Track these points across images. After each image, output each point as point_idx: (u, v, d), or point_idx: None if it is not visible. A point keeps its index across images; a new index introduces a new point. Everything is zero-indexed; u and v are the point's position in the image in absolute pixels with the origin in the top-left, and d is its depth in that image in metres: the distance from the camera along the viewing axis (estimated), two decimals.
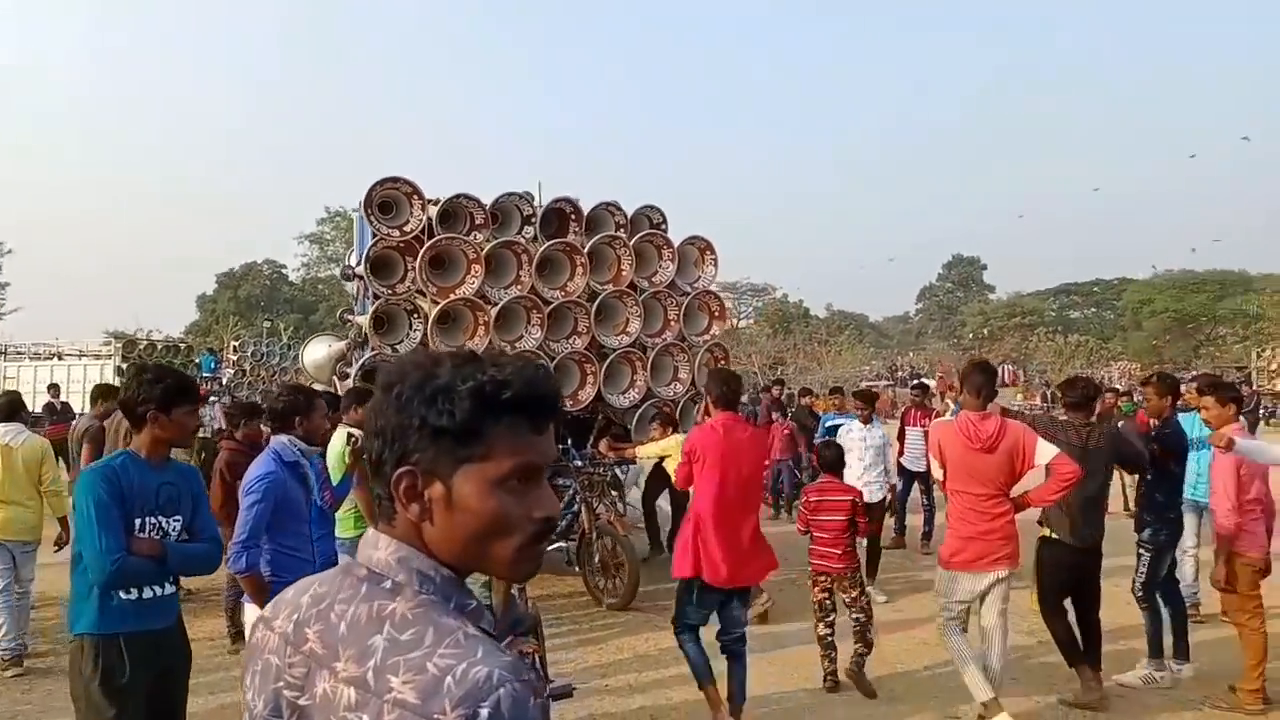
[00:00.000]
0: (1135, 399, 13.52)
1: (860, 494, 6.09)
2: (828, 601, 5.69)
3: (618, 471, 8.56)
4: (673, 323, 8.44)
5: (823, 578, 5.70)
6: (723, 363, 8.76)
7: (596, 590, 7.42)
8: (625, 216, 8.68)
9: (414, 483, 1.11)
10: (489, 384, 1.10)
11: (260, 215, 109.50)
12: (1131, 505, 7.99)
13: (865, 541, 7.40)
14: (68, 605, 3.26)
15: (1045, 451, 4.80)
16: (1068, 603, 5.44)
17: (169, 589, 3.32)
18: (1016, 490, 4.94)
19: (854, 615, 5.65)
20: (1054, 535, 5.37)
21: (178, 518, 3.31)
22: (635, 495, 9.30)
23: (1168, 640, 5.74)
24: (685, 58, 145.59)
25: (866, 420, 8.30)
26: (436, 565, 1.12)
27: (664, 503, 8.80)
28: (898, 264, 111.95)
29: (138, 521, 3.20)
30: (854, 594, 5.69)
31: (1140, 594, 5.66)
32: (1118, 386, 19.83)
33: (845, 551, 5.69)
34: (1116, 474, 7.28)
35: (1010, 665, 5.34)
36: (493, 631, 1.11)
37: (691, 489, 5.03)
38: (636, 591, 7.18)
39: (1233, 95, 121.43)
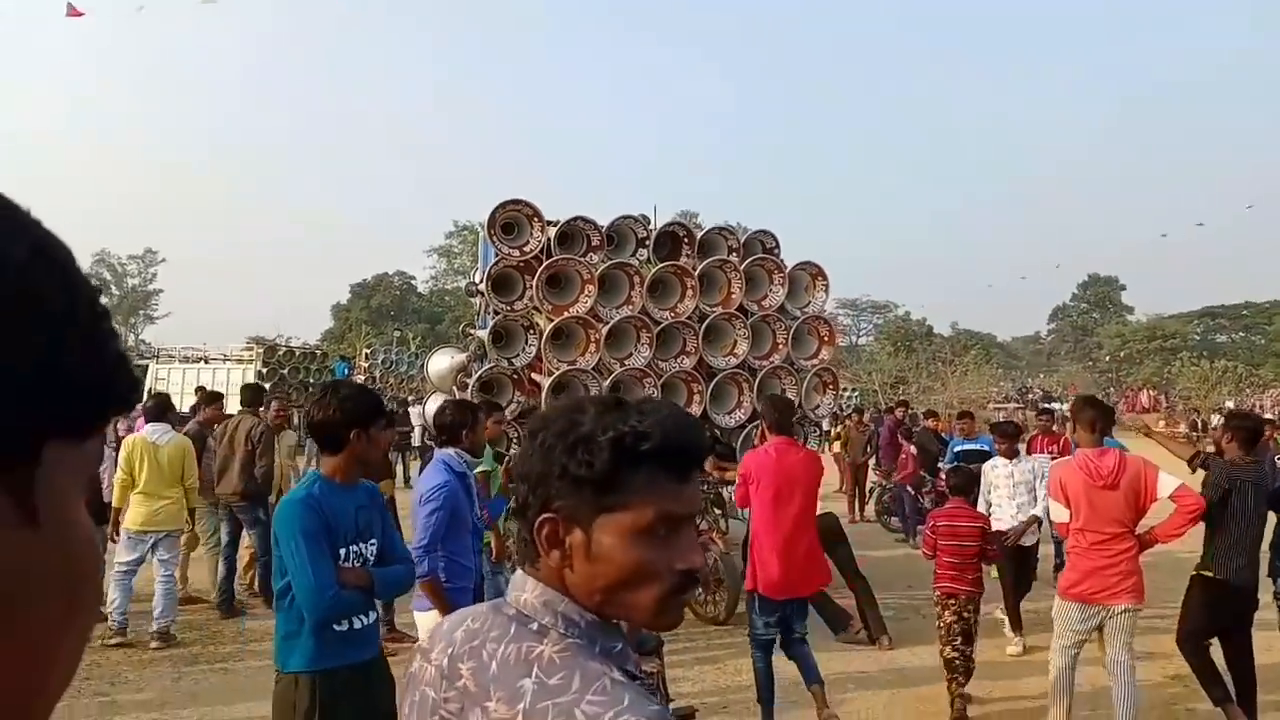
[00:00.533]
0: None
1: (988, 520, 6.09)
2: (956, 625, 5.64)
3: (722, 491, 8.68)
4: (781, 346, 8.53)
5: (952, 601, 5.68)
6: (831, 388, 8.81)
7: (697, 604, 7.59)
8: (738, 240, 8.82)
9: (555, 530, 1.13)
10: (629, 435, 1.11)
11: (393, 227, 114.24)
12: None
13: (1013, 587, 7.25)
14: (275, 641, 3.15)
15: (1167, 484, 4.78)
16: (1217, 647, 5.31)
17: (372, 616, 3.19)
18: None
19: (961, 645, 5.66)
20: (1215, 575, 5.21)
21: (373, 541, 3.17)
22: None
23: None
24: (823, 69, 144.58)
25: (1010, 455, 7.67)
26: (581, 609, 1.13)
27: None
28: (1029, 283, 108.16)
29: (341, 551, 3.05)
30: (973, 619, 5.69)
31: None
32: (1271, 417, 18.74)
33: (976, 577, 5.73)
34: None
35: (1152, 709, 5.25)
36: (638, 674, 1.13)
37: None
38: (735, 607, 7.30)
39: None
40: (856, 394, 38.55)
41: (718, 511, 8.24)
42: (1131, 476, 4.77)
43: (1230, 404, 48.35)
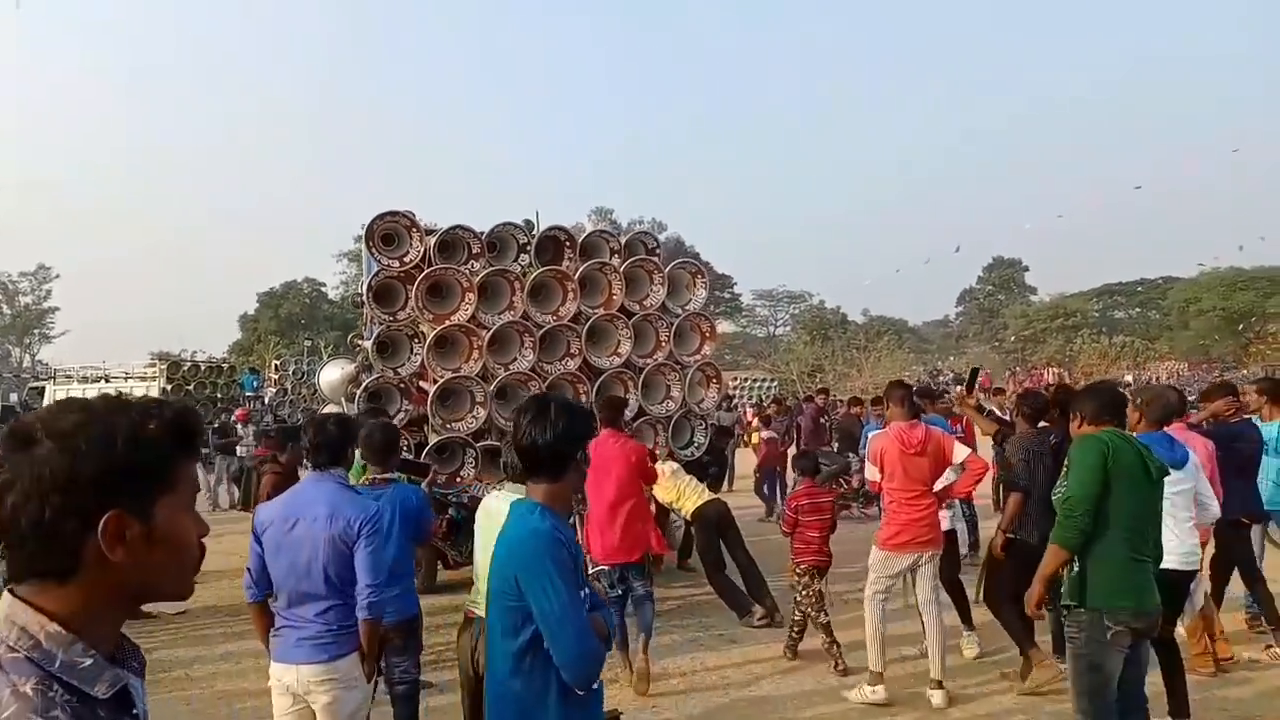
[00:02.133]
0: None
1: (837, 494, 6.64)
2: (821, 589, 6.38)
3: None
4: (664, 344, 8.80)
5: (816, 572, 6.38)
6: (715, 382, 9.10)
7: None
8: (619, 243, 9.07)
9: (120, 524, 1.16)
10: (169, 424, 1.23)
11: (302, 233, 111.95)
12: None
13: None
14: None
15: (960, 452, 5.72)
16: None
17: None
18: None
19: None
20: (1019, 536, 5.79)
21: (587, 587, 2.60)
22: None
23: None
24: (729, 68, 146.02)
25: None
26: (46, 622, 1.13)
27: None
28: (937, 268, 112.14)
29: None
30: (821, 585, 6.39)
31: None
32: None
33: (828, 548, 6.49)
34: None
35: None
36: (92, 692, 1.12)
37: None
38: None
39: (1277, 89, 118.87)
40: (775, 383, 39.24)
41: None
42: (935, 446, 5.67)
43: (1129, 377, 50.70)
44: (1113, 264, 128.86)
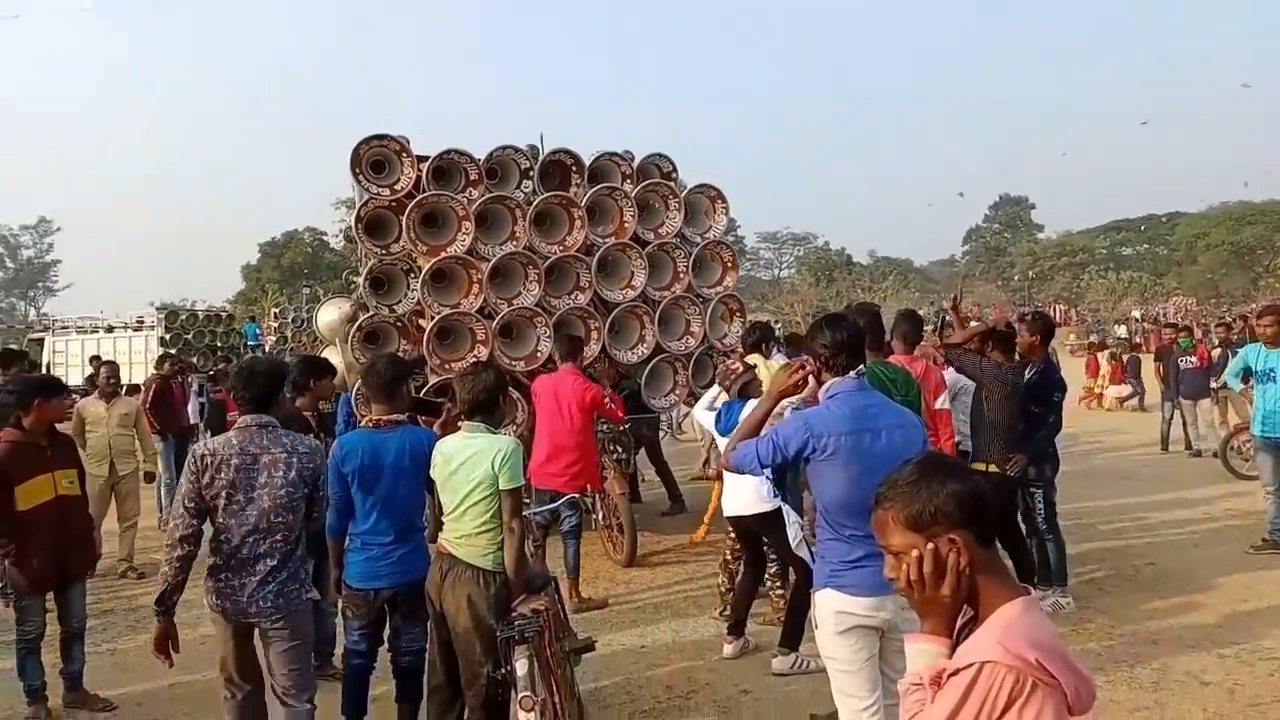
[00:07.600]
0: (1196, 335, 13.18)
1: None
2: None
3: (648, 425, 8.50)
4: (682, 275, 8.10)
5: None
6: (738, 314, 8.42)
7: (612, 546, 7.36)
8: (631, 167, 8.36)
9: None
10: None
11: (302, 182, 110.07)
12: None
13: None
14: None
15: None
16: None
17: None
18: None
19: None
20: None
21: None
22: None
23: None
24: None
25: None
26: None
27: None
28: (943, 207, 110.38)
29: None
30: None
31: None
32: (1176, 322, 19.35)
33: None
34: None
35: None
36: None
37: None
38: (635, 550, 7.15)
39: None
40: (780, 326, 38.71)
41: (619, 450, 7.83)
42: None
43: (1137, 313, 50.16)
44: (1120, 200, 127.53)
